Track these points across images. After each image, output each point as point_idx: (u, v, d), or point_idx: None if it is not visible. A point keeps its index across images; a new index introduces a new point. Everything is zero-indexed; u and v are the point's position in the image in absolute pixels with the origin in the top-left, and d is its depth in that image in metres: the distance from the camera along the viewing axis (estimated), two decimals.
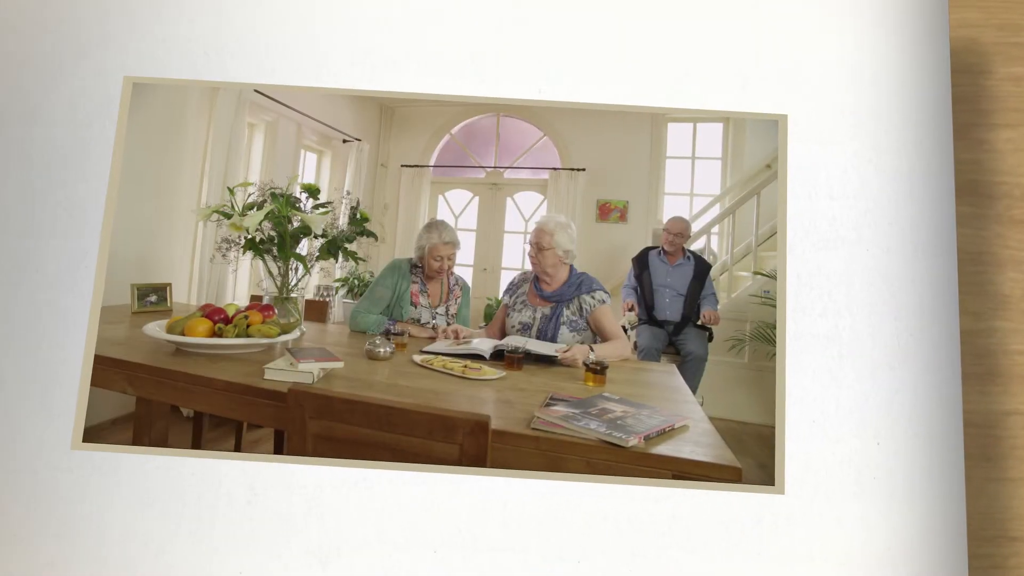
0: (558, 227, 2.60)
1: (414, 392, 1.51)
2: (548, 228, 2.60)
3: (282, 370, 1.47)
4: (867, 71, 1.41)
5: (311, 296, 4.47)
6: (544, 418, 1.32)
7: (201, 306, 1.90)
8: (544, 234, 2.60)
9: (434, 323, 2.59)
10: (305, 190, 2.18)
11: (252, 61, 1.35)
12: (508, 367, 1.93)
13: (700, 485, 1.19)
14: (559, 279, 2.57)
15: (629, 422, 1.34)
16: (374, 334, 2.41)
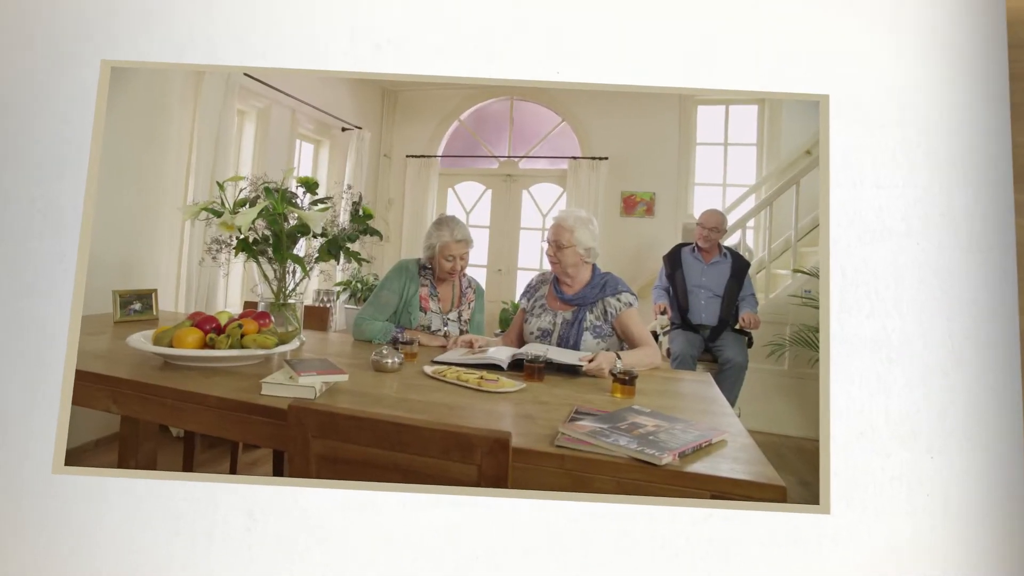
0: (578, 222, 2.56)
1: (426, 407, 1.50)
2: (567, 224, 2.52)
3: (281, 384, 1.47)
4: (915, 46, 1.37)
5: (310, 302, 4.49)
6: (569, 434, 1.31)
7: (190, 314, 1.91)
8: (563, 231, 2.53)
9: (446, 330, 2.58)
10: (302, 184, 2.17)
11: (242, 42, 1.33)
12: (528, 378, 1.91)
13: (739, 505, 1.17)
14: (581, 280, 2.54)
15: (662, 437, 1.33)
16: (380, 343, 2.40)
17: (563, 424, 1.37)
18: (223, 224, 1.86)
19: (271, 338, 1.70)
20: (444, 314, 2.55)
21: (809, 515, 1.23)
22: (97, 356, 1.79)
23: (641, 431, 1.35)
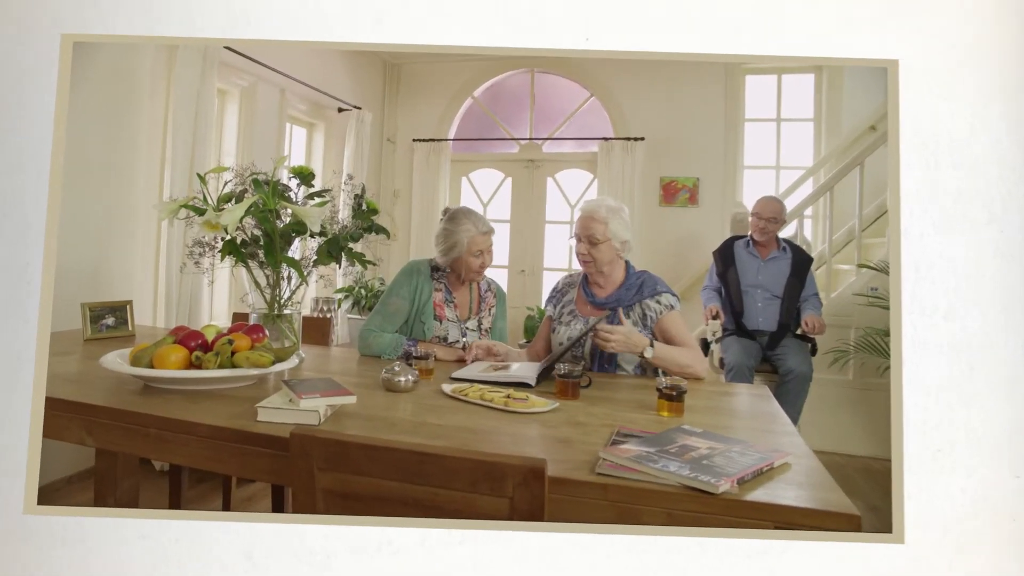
0: (611, 213, 2.40)
1: (447, 432, 1.48)
2: (599, 215, 2.38)
3: (279, 409, 1.45)
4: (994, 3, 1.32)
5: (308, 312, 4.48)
6: (612, 460, 1.29)
7: (172, 329, 1.90)
8: (596, 223, 2.38)
9: (465, 341, 2.53)
10: (295, 175, 2.15)
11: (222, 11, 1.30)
12: (561, 395, 1.88)
13: (802, 535, 1.13)
14: (614, 280, 2.42)
15: (717, 461, 1.31)
16: (390, 359, 2.38)
17: (604, 448, 1.34)
18: (206, 224, 1.85)
19: (266, 355, 1.68)
20: (462, 322, 2.52)
21: (880, 545, 1.19)
22: (67, 380, 1.79)
23: (693, 455, 1.33)
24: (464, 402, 1.76)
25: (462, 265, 2.44)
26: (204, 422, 1.42)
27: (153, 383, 1.71)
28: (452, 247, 2.41)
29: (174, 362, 1.66)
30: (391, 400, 1.74)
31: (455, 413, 1.65)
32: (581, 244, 2.42)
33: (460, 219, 2.44)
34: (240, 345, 1.71)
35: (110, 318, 2.63)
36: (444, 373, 2.10)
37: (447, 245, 2.42)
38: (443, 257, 2.45)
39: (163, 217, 2.01)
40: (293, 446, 1.13)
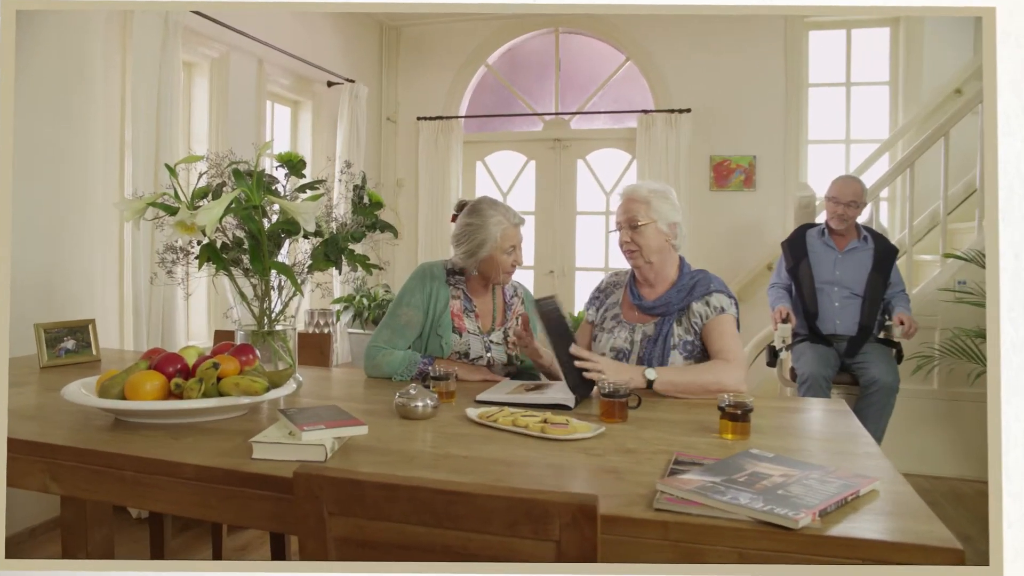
0: (653, 194, 2.37)
1: (476, 465, 1.47)
2: (639, 195, 2.36)
3: (279, 444, 1.45)
4: None
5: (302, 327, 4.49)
6: (672, 492, 1.27)
7: (145, 352, 1.91)
8: (636, 203, 2.35)
9: (489, 357, 2.50)
10: (283, 163, 2.15)
11: None
12: (606, 417, 1.86)
13: (890, 571, 1.12)
14: (666, 277, 2.38)
15: (794, 491, 1.29)
16: (403, 380, 2.36)
17: (662, 479, 1.33)
18: (180, 225, 1.85)
19: (258, 380, 1.68)
20: (485, 335, 2.50)
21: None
22: (23, 416, 1.81)
23: (766, 484, 1.31)
24: (493, 429, 1.75)
25: (492, 265, 2.43)
26: (189, 462, 1.42)
27: (126, 417, 1.72)
28: (480, 245, 2.40)
29: (150, 392, 1.66)
30: (407, 429, 1.73)
31: (484, 442, 1.64)
32: (623, 232, 2.40)
33: (486, 211, 2.43)
34: (227, 369, 1.71)
35: (69, 341, 2.64)
36: (467, 396, 2.09)
37: (474, 243, 2.41)
38: (467, 258, 2.43)
39: (128, 218, 2.02)
40: (298, 487, 1.13)
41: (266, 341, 2.11)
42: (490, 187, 6.03)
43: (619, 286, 2.55)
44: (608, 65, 5.81)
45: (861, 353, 3.83)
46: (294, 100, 5.14)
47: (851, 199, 3.99)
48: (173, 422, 1.70)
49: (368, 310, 4.63)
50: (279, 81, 4.77)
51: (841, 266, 4.04)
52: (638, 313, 2.42)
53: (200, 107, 4.24)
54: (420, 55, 5.98)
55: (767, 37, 5.41)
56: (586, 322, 2.56)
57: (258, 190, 1.93)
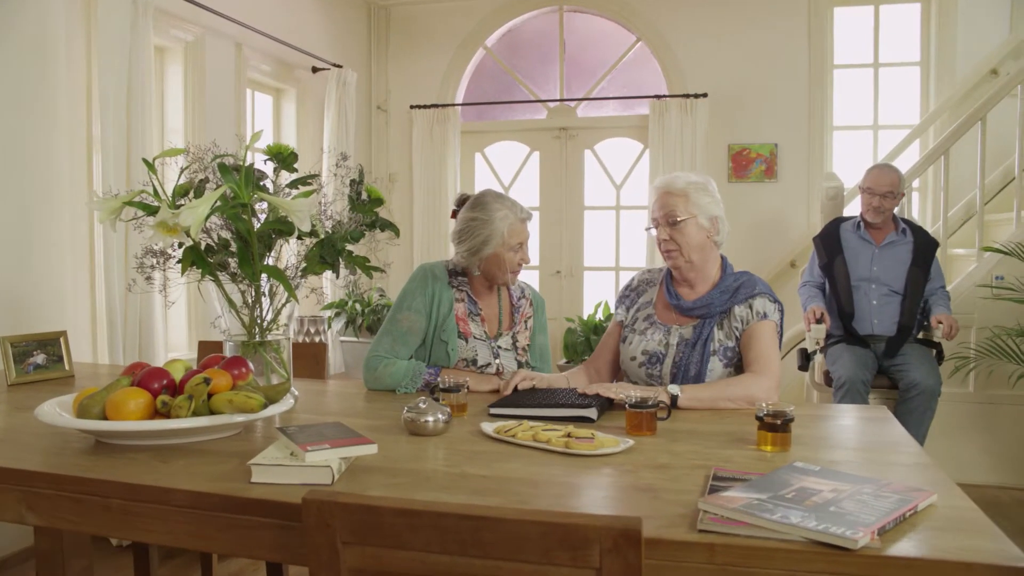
0: (692, 186, 2.34)
1: (497, 485, 1.44)
2: (676, 187, 2.32)
3: (280, 466, 1.41)
4: None
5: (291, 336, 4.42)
6: (716, 512, 1.25)
7: (127, 368, 1.87)
8: (673, 197, 2.31)
9: (498, 364, 2.48)
10: (271, 156, 2.11)
11: None
12: (634, 430, 1.83)
13: None
14: (707, 277, 2.34)
15: (848, 507, 1.26)
16: (408, 392, 2.32)
17: (704, 497, 1.30)
18: (161, 226, 1.82)
19: (254, 396, 1.65)
20: (492, 340, 2.48)
21: None
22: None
23: (816, 500, 1.29)
24: (512, 445, 1.72)
25: (496, 264, 2.40)
26: (182, 487, 1.39)
27: (108, 439, 1.68)
28: (485, 242, 2.37)
29: (134, 411, 1.63)
30: (418, 447, 1.70)
31: (503, 460, 1.61)
32: (660, 229, 2.36)
33: (491, 205, 2.40)
34: (218, 385, 1.67)
35: (39, 355, 2.60)
36: (478, 408, 2.07)
37: (478, 240, 2.38)
38: (471, 257, 2.40)
39: (102, 219, 1.98)
40: (308, 515, 1.09)
41: (258, 352, 2.08)
42: (490, 180, 5.99)
43: (653, 284, 2.51)
44: (617, 47, 5.76)
45: (900, 355, 3.81)
46: (276, 88, 5.08)
47: (888, 189, 3.95)
48: (160, 443, 1.66)
49: (362, 316, 4.59)
50: (259, 67, 4.71)
51: (879, 261, 4.01)
52: (676, 314, 2.39)
53: (174, 97, 4.18)
54: (412, 38, 5.92)
55: (789, 15, 5.38)
56: (615, 322, 2.53)
57: (247, 186, 1.89)
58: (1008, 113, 4.57)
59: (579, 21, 5.84)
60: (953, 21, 5.26)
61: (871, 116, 5.53)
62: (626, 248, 5.80)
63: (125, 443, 1.66)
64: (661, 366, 2.33)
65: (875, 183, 3.98)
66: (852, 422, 2.06)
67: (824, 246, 4.13)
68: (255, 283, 2.04)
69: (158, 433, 1.64)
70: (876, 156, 5.41)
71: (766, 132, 5.42)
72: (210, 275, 2.02)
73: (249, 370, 1.80)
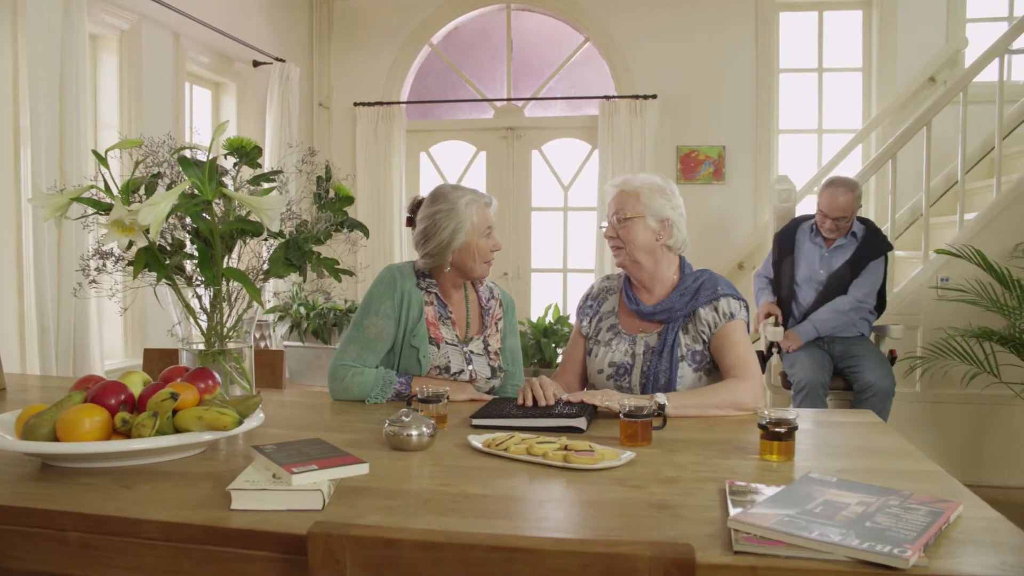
0: (646, 187, 2.28)
1: (504, 506, 1.33)
2: (631, 187, 2.27)
3: (265, 491, 1.26)
4: None
5: None
6: (749, 531, 1.17)
7: (78, 382, 1.68)
8: (625, 195, 2.27)
9: (472, 370, 2.34)
10: (232, 150, 1.93)
11: None
12: (629, 440, 1.74)
13: None
14: (664, 279, 2.27)
15: (883, 522, 1.21)
16: (378, 403, 2.18)
17: (732, 516, 1.22)
18: (116, 225, 1.63)
19: (227, 413, 1.48)
20: (463, 344, 2.34)
21: None
22: None
23: (846, 514, 1.23)
24: (506, 459, 1.61)
25: (469, 255, 2.27)
26: (152, 517, 1.22)
27: (59, 462, 1.49)
28: (455, 232, 2.23)
29: (90, 430, 1.44)
30: (404, 463, 1.57)
31: (500, 476, 1.50)
32: (609, 226, 2.30)
33: (451, 194, 2.27)
34: (185, 400, 1.50)
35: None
36: (456, 419, 1.95)
37: (447, 232, 2.23)
38: (441, 253, 2.26)
39: (47, 216, 1.79)
40: (315, 550, 0.95)
41: (216, 362, 1.91)
42: (436, 180, 5.84)
43: (613, 292, 2.42)
44: (565, 47, 5.68)
45: (854, 356, 3.80)
46: (215, 82, 4.83)
47: (840, 214, 3.91)
48: (118, 465, 1.48)
49: (307, 320, 4.40)
50: (198, 59, 4.46)
51: (827, 264, 4.00)
52: (638, 321, 2.31)
53: (108, 88, 3.92)
54: (355, 33, 5.72)
55: (737, 18, 5.38)
56: (578, 335, 2.42)
57: (211, 182, 1.72)
58: (948, 120, 4.64)
59: (526, 20, 5.73)
60: (893, 29, 5.34)
61: (816, 120, 5.57)
62: (574, 250, 5.72)
63: (78, 466, 1.48)
64: (629, 377, 2.25)
65: (828, 207, 3.93)
66: (843, 427, 2.00)
67: (778, 244, 4.13)
68: (216, 286, 1.87)
69: (121, 455, 1.46)
70: (821, 160, 5.45)
71: (714, 134, 5.40)
72: (167, 279, 1.84)
73: (216, 382, 1.63)
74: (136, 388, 1.59)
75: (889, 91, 5.29)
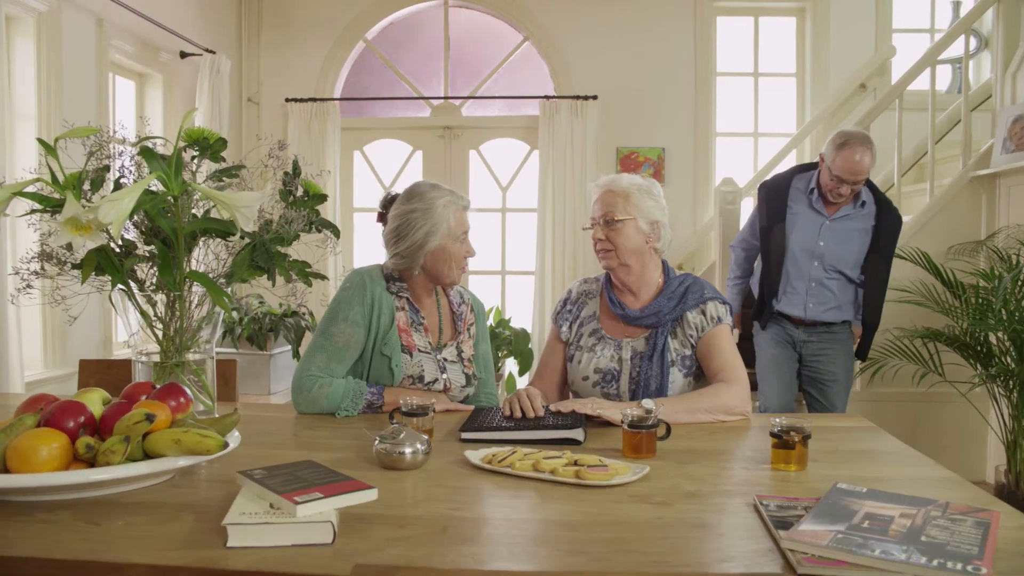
0: (635, 188, 2.20)
1: (532, 531, 1.20)
2: (619, 187, 2.19)
3: (266, 524, 1.09)
4: None
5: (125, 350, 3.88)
6: (806, 551, 1.11)
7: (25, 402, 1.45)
8: (614, 196, 2.18)
9: (446, 379, 2.20)
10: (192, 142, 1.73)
11: None
12: (633, 452, 1.64)
13: None
14: (650, 282, 2.21)
15: (937, 536, 1.16)
16: (349, 415, 2.01)
17: (785, 536, 1.15)
18: (70, 223, 1.43)
19: (210, 435, 1.30)
20: (436, 351, 2.19)
21: None
22: None
23: (897, 528, 1.19)
24: (512, 476, 1.48)
25: (443, 259, 2.12)
26: (136, 561, 1.05)
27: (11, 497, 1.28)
28: (429, 234, 2.08)
29: (47, 459, 1.25)
30: (399, 484, 1.43)
31: (513, 496, 1.38)
32: (596, 228, 2.20)
33: (429, 194, 2.12)
34: (161, 422, 1.31)
35: None
36: (440, 432, 1.82)
37: (421, 233, 2.08)
38: (414, 253, 2.10)
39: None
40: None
41: (174, 374, 1.72)
42: (371, 180, 5.62)
43: (593, 295, 2.31)
44: (504, 45, 5.54)
45: (823, 353, 3.40)
46: (140, 73, 4.50)
47: (861, 178, 3.26)
48: (78, 497, 1.28)
49: (241, 326, 4.14)
50: (122, 48, 4.14)
51: (827, 235, 3.38)
52: (623, 325, 2.21)
53: (24, 75, 3.59)
54: (286, 26, 5.45)
55: (676, 21, 5.35)
56: (557, 341, 2.30)
57: (177, 176, 1.53)
58: (881, 126, 4.71)
59: (464, 17, 5.58)
60: (826, 37, 5.41)
61: (752, 124, 5.59)
62: (512, 252, 5.58)
63: (34, 500, 1.28)
64: (617, 383, 2.15)
65: (848, 171, 3.25)
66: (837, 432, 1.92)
67: (768, 207, 3.48)
68: (178, 292, 1.67)
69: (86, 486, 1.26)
70: (757, 164, 5.47)
71: (654, 136, 5.35)
72: (123, 284, 1.64)
73: (188, 400, 1.44)
74: (96, 408, 1.39)
75: (822, 97, 5.35)
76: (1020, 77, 4.23)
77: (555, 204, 5.21)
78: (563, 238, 5.19)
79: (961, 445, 4.26)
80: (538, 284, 5.32)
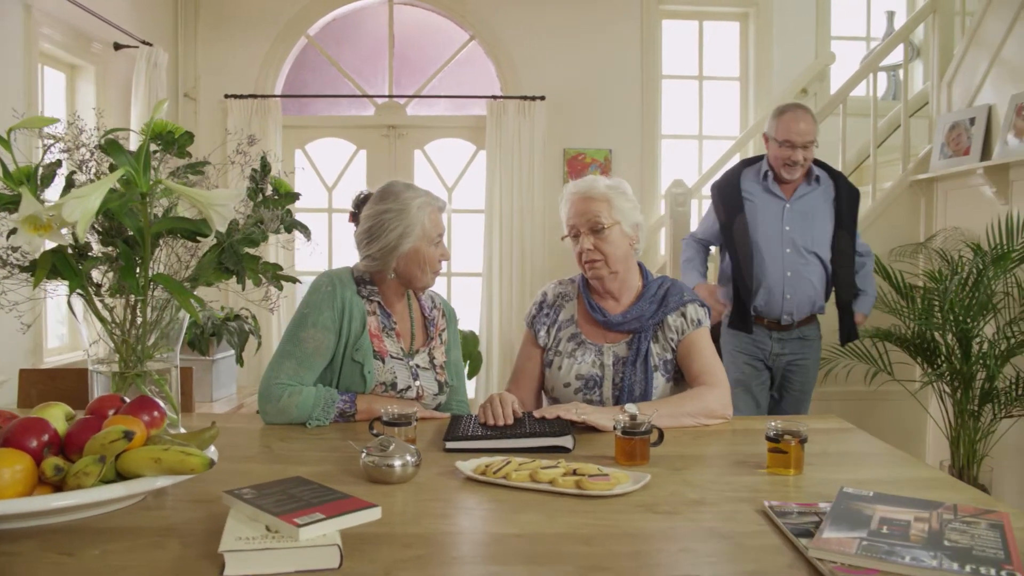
0: (613, 190, 2.12)
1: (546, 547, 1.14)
2: (599, 192, 2.10)
3: (267, 550, 0.99)
4: None
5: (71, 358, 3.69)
6: (836, 560, 1.09)
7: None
8: (596, 202, 2.08)
9: (419, 386, 2.11)
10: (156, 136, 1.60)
11: None
12: (627, 459, 1.59)
13: None
14: (631, 286, 2.16)
15: (959, 540, 1.16)
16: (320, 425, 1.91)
17: (811, 545, 1.13)
18: (29, 222, 1.30)
19: (194, 453, 1.19)
20: (408, 357, 2.11)
21: None
22: None
23: (917, 533, 1.18)
24: (509, 488, 1.42)
25: (416, 263, 2.04)
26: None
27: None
28: (403, 235, 1.99)
29: (11, 483, 1.12)
30: (390, 499, 1.34)
31: (514, 509, 1.31)
32: (583, 238, 2.10)
33: (404, 194, 2.03)
34: (138, 439, 1.20)
35: None
36: (421, 442, 1.73)
37: (394, 235, 1.99)
38: (386, 255, 2.01)
39: None
40: None
41: (135, 385, 1.59)
42: (312, 179, 5.44)
43: (570, 298, 2.25)
44: (450, 44, 5.44)
45: (793, 361, 3.29)
46: (71, 64, 4.24)
47: (809, 139, 3.19)
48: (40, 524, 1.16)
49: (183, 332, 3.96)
50: (51, 36, 3.88)
51: (791, 219, 3.27)
52: (603, 331, 2.15)
53: None
54: (225, 20, 5.23)
55: (622, 23, 5.33)
56: (533, 346, 2.22)
57: (145, 172, 1.41)
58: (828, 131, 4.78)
59: (409, 14, 5.46)
60: (768, 42, 5.48)
61: (696, 126, 5.61)
62: (459, 253, 5.47)
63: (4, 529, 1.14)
64: (600, 389, 2.10)
65: (793, 132, 3.17)
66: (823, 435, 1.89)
67: (723, 201, 3.37)
68: (143, 296, 1.55)
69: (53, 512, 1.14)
70: (701, 167, 5.50)
71: (601, 138, 5.33)
72: (81, 288, 1.51)
73: (163, 414, 1.33)
74: (59, 424, 1.27)
75: (765, 101, 5.40)
76: (956, 85, 4.33)
77: (502, 205, 5.14)
78: (510, 239, 5.12)
79: (902, 442, 4.33)
80: (485, 286, 5.24)
